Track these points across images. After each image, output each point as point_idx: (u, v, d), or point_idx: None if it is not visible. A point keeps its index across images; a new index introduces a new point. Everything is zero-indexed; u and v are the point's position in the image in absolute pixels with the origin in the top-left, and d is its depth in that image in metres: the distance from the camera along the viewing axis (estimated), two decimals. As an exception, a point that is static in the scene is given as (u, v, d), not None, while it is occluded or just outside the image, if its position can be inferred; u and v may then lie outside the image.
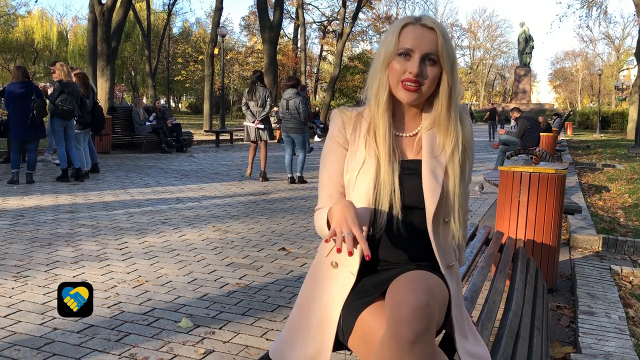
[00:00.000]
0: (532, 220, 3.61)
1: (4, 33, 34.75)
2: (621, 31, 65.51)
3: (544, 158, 7.93)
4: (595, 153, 16.05)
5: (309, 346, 1.42)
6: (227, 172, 9.72)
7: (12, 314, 2.93)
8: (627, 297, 3.58)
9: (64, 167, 7.84)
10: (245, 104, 8.47)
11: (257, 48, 38.39)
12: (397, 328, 1.14)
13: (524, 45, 46.02)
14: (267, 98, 8.35)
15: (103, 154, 11.35)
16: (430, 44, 1.38)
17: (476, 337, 1.48)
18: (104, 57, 15.44)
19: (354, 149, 1.46)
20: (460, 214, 1.44)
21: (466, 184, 1.49)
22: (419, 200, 1.41)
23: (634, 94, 22.46)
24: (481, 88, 62.19)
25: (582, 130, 33.42)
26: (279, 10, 20.98)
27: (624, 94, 38.68)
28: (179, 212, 5.90)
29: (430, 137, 1.45)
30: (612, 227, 5.63)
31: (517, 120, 10.11)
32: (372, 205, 1.40)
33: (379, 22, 38.35)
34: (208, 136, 17.43)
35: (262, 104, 8.35)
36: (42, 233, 4.76)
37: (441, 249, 1.43)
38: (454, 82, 1.41)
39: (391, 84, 1.42)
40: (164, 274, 3.73)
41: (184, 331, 2.78)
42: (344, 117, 1.50)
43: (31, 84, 7.54)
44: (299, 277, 3.71)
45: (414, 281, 1.21)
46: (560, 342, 2.89)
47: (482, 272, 2.24)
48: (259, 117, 8.37)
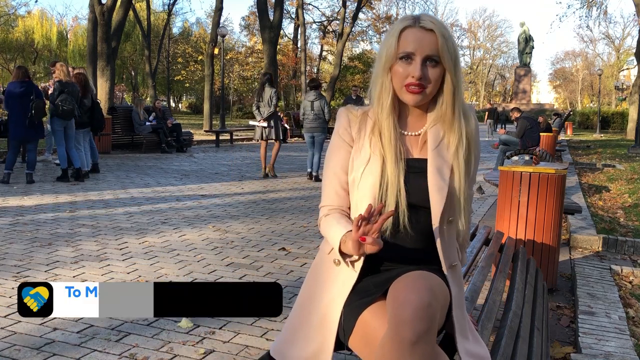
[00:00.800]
0: (532, 220, 3.61)
1: (4, 33, 34.76)
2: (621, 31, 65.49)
3: (544, 158, 7.92)
4: (595, 153, 16.05)
5: (310, 345, 1.42)
6: (227, 172, 9.72)
7: (12, 314, 2.93)
8: (627, 297, 3.58)
9: (64, 167, 7.84)
10: (256, 105, 8.80)
11: (257, 48, 38.38)
12: (399, 328, 1.14)
13: (524, 45, 46.03)
14: (272, 98, 8.63)
15: (103, 154, 11.33)
16: (430, 46, 1.38)
17: (476, 337, 1.48)
18: (104, 57, 15.44)
19: (359, 147, 1.46)
20: (466, 212, 1.44)
21: (471, 183, 1.49)
22: (424, 199, 1.41)
23: (634, 94, 22.45)
24: (481, 88, 62.18)
25: (582, 130, 33.41)
26: (279, 10, 20.98)
27: (624, 94, 38.68)
28: (179, 212, 5.90)
29: (435, 135, 1.45)
30: (612, 227, 5.63)
31: (517, 120, 10.11)
32: (377, 203, 1.40)
33: (379, 22, 38.36)
34: (208, 136, 17.43)
35: (268, 103, 8.64)
36: (42, 233, 4.76)
37: (445, 249, 1.43)
38: (457, 81, 1.41)
39: (395, 87, 1.42)
40: (164, 274, 3.73)
41: (184, 331, 2.78)
42: (350, 116, 1.50)
43: (31, 84, 7.53)
44: (299, 277, 3.71)
45: (415, 281, 1.21)
46: (560, 342, 2.89)
47: (482, 272, 2.24)
48: (265, 115, 8.62)
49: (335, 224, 1.42)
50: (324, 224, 1.47)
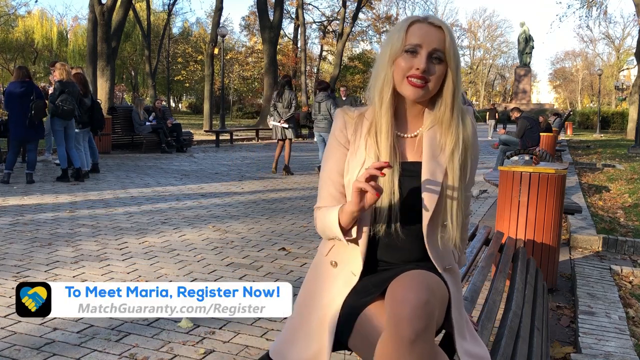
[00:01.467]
0: (532, 220, 3.61)
1: (4, 33, 34.76)
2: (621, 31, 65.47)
3: (544, 158, 7.93)
4: (595, 153, 16.05)
5: (309, 345, 1.42)
6: (227, 172, 9.72)
7: (12, 314, 2.93)
8: (627, 297, 3.58)
9: (64, 167, 7.84)
10: (273, 105, 9.34)
11: (257, 48, 38.40)
12: (398, 327, 1.14)
13: (524, 45, 46.00)
14: (292, 100, 9.21)
15: (103, 154, 11.34)
16: (437, 41, 1.38)
17: (475, 337, 1.48)
18: (104, 57, 15.44)
19: (355, 148, 1.46)
20: (459, 217, 1.42)
21: (467, 186, 1.49)
22: (417, 202, 1.41)
23: (634, 94, 22.44)
24: (481, 88, 62.18)
25: (582, 130, 33.41)
26: (279, 10, 20.99)
27: (624, 94, 38.68)
28: (179, 212, 5.90)
29: (431, 137, 1.45)
30: (612, 227, 5.63)
31: (517, 120, 10.11)
32: (372, 206, 1.40)
33: (379, 22, 38.37)
34: (208, 136, 17.43)
35: (287, 106, 9.18)
36: (42, 233, 4.76)
37: (437, 252, 1.43)
38: (458, 82, 1.42)
39: (396, 80, 1.42)
40: (164, 274, 3.73)
41: (184, 331, 2.78)
42: (346, 117, 1.50)
43: (32, 84, 7.52)
44: (299, 277, 3.71)
45: (413, 280, 1.21)
46: (560, 342, 2.89)
47: (482, 272, 2.24)
48: (285, 117, 9.16)
49: (329, 209, 1.44)
50: (318, 218, 1.48)
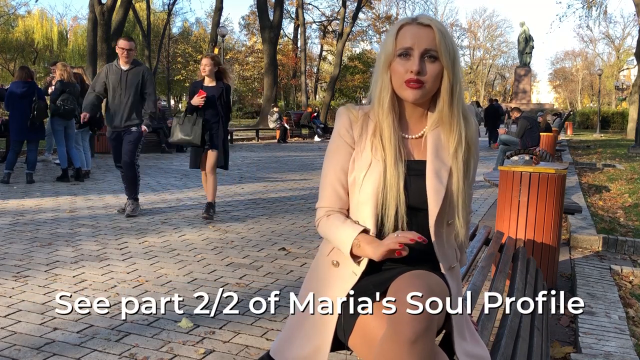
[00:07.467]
0: (532, 220, 3.61)
1: (4, 33, 34.72)
2: (621, 31, 65.53)
3: (544, 158, 7.93)
4: (595, 153, 16.04)
5: (308, 344, 1.43)
6: (227, 172, 9.70)
7: (12, 314, 2.93)
8: (627, 297, 3.58)
9: (64, 166, 7.84)
10: None
11: (257, 48, 38.38)
12: (398, 327, 1.14)
13: (524, 45, 45.95)
14: None
15: (103, 153, 11.35)
16: (427, 40, 1.38)
17: (475, 337, 1.48)
18: (104, 57, 15.44)
19: (361, 149, 1.46)
20: (464, 214, 1.44)
21: (470, 184, 1.49)
22: (423, 201, 1.41)
23: (634, 94, 22.43)
24: (481, 88, 62.13)
25: (582, 130, 33.39)
26: (279, 10, 20.99)
27: (624, 94, 38.68)
28: (179, 212, 5.90)
29: (435, 137, 1.45)
30: (612, 227, 5.63)
31: (517, 120, 10.12)
32: (379, 207, 1.40)
33: (379, 22, 38.35)
34: (208, 136, 17.40)
35: None
36: (42, 233, 4.76)
37: (443, 251, 1.43)
38: (455, 78, 1.41)
39: (394, 85, 1.42)
40: (164, 274, 3.73)
41: (184, 331, 2.78)
42: (351, 117, 1.49)
43: (33, 84, 7.53)
44: (299, 277, 3.71)
45: (414, 280, 1.21)
46: (560, 342, 2.89)
47: (482, 272, 2.24)
48: None
49: (341, 225, 1.42)
50: (326, 225, 1.47)
